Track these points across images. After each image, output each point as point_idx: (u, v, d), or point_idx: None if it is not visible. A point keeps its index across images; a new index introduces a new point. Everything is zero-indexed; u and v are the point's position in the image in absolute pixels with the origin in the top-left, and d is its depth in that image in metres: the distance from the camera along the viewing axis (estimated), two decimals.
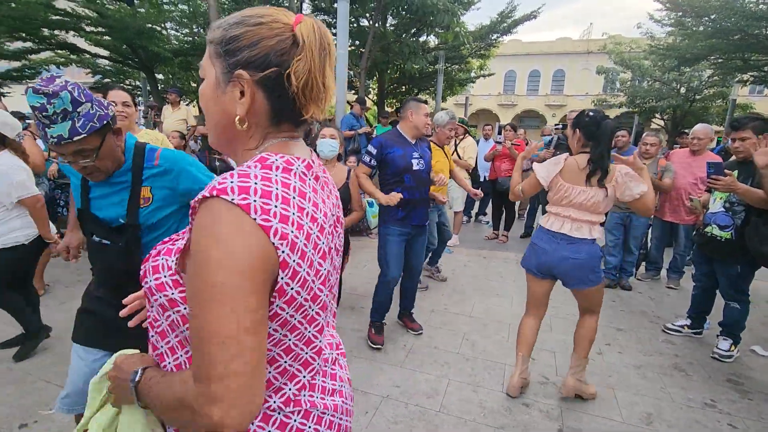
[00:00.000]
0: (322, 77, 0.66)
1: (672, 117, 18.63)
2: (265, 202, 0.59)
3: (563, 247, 2.24)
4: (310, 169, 0.71)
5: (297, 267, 0.62)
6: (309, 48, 0.64)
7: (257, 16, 0.66)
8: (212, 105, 0.70)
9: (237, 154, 0.72)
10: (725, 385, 2.65)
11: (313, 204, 0.68)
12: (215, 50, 0.68)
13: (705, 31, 12.03)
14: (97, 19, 9.95)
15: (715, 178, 2.78)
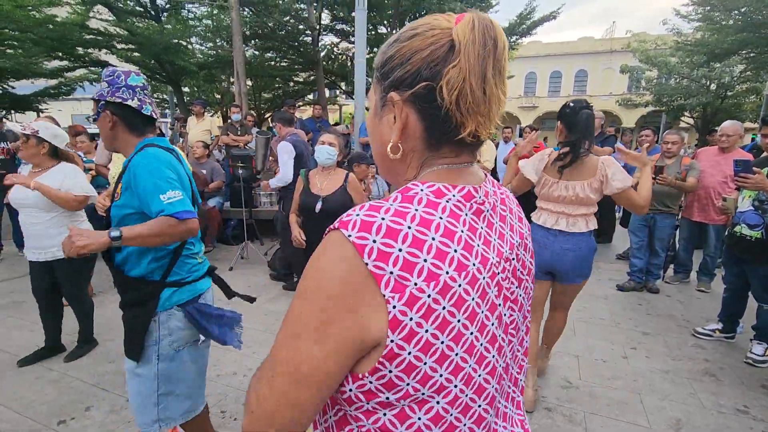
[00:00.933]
0: (481, 83, 0.52)
1: (702, 115, 17.95)
2: (386, 243, 0.48)
3: (561, 240, 2.22)
4: (471, 199, 0.56)
5: (416, 327, 0.48)
6: (465, 51, 0.51)
7: (412, 28, 0.57)
8: (372, 134, 0.63)
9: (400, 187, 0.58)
10: (759, 391, 2.54)
11: (465, 247, 0.53)
12: (375, 76, 0.61)
13: (735, 25, 11.61)
14: (128, 37, 10.44)
15: (744, 176, 2.70)
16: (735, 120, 4.06)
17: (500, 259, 0.58)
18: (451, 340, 0.51)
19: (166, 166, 1.40)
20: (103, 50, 11.32)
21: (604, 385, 2.57)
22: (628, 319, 3.54)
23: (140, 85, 1.47)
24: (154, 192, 1.35)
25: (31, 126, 2.47)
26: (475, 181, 0.59)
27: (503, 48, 0.54)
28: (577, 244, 2.21)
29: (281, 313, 3.52)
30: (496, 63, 0.53)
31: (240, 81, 8.27)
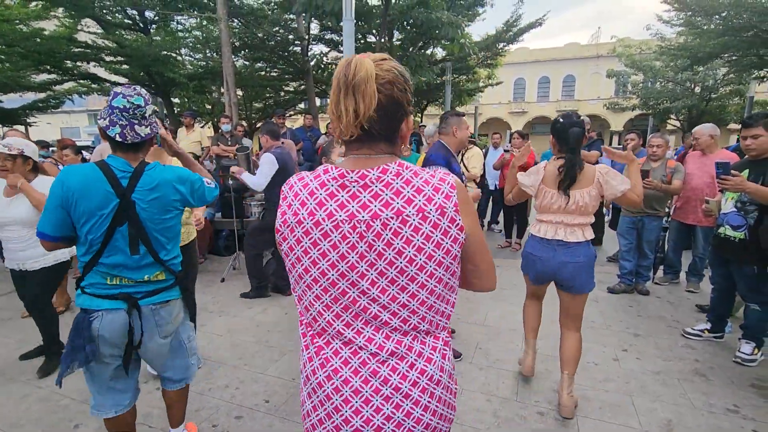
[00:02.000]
0: (335, 99, 0.84)
1: (688, 117, 18.28)
2: (289, 195, 0.91)
3: (560, 253, 2.26)
4: (343, 177, 0.87)
5: (287, 235, 0.91)
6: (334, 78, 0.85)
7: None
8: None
9: None
10: (749, 390, 2.57)
11: (319, 203, 0.87)
12: None
13: (716, 29, 11.87)
14: (116, 49, 10.43)
15: (724, 178, 2.75)
16: (711, 123, 4.15)
17: (349, 218, 0.85)
18: (302, 252, 0.89)
19: (53, 190, 1.50)
20: (91, 63, 11.29)
21: (596, 388, 2.59)
22: (619, 321, 3.57)
23: (119, 107, 1.52)
24: None
25: (12, 145, 2.54)
26: (363, 166, 0.87)
27: (353, 77, 0.80)
28: (575, 255, 2.24)
29: (274, 324, 3.51)
30: (347, 87, 0.81)
31: (230, 91, 8.28)
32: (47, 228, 1.51)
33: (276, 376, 2.74)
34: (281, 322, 3.58)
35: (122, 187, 1.53)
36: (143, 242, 1.58)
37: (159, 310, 1.68)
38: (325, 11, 7.83)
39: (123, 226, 1.54)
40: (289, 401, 2.46)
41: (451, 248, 0.86)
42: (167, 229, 1.65)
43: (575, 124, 2.20)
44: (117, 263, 1.57)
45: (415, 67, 10.04)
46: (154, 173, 1.60)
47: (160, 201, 1.59)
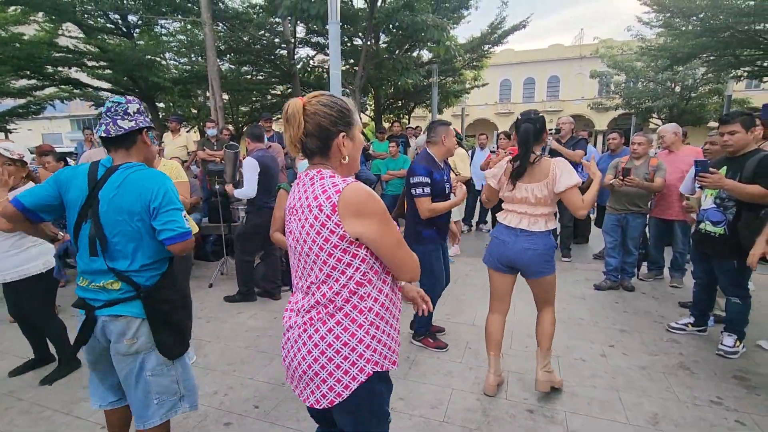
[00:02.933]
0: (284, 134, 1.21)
1: (669, 116, 18.68)
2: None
3: (522, 239, 2.37)
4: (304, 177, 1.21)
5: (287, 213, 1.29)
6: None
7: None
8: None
9: None
10: (731, 382, 2.63)
11: (292, 195, 1.25)
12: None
13: (694, 30, 12.16)
14: (98, 54, 10.27)
15: (702, 175, 2.82)
16: (673, 123, 4.32)
17: (294, 205, 1.22)
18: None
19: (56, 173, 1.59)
20: (73, 68, 11.09)
21: (584, 384, 2.62)
22: (606, 317, 3.62)
23: (105, 109, 1.57)
24: None
25: (13, 149, 2.52)
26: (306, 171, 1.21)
27: (285, 113, 1.17)
28: (535, 243, 2.35)
29: (263, 329, 3.49)
30: (285, 119, 1.17)
31: (215, 95, 8.22)
32: (25, 198, 1.52)
33: (265, 381, 2.72)
34: (271, 327, 3.55)
35: (94, 182, 1.50)
36: (100, 244, 1.48)
37: (108, 324, 1.52)
38: (311, 14, 7.83)
39: (87, 224, 1.50)
40: (279, 406, 2.44)
41: (329, 237, 1.12)
42: (127, 237, 1.50)
43: (526, 121, 2.35)
44: (80, 263, 1.55)
45: (401, 69, 10.09)
46: (126, 172, 1.52)
47: (117, 203, 1.48)
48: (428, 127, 3.08)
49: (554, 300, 2.50)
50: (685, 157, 4.10)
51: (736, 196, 2.76)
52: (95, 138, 7.67)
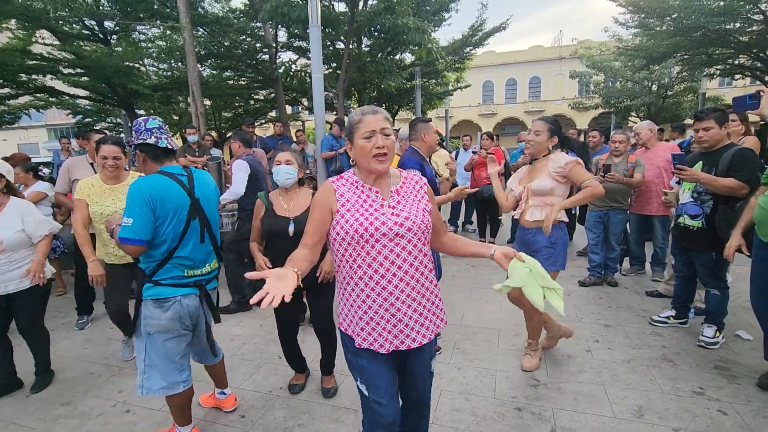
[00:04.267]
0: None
1: (647, 114, 19.11)
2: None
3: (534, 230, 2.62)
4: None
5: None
6: None
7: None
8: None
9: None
10: (713, 372, 2.68)
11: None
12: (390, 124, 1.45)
13: (668, 30, 12.49)
14: (74, 61, 10.04)
15: (680, 167, 2.89)
16: (648, 120, 4.45)
17: None
18: None
19: (139, 194, 1.77)
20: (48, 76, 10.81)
21: (571, 380, 2.64)
22: (591, 313, 3.67)
23: (156, 126, 1.91)
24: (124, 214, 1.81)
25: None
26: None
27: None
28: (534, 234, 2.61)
29: (248, 337, 3.43)
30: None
31: (196, 101, 8.11)
32: (142, 234, 1.77)
33: (252, 389, 2.67)
34: (257, 335, 3.50)
35: (188, 188, 1.91)
36: (208, 233, 2.00)
37: (213, 294, 2.13)
38: (291, 19, 7.79)
39: (195, 220, 1.93)
40: (266, 415, 2.40)
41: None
42: (215, 222, 2.08)
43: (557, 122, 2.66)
44: (189, 256, 1.92)
45: (384, 72, 10.11)
46: (198, 174, 2.03)
47: (208, 196, 2.03)
48: (410, 124, 3.13)
49: None
50: (661, 153, 4.20)
51: (712, 189, 2.83)
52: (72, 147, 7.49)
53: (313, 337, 2.62)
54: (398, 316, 1.43)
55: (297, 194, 2.51)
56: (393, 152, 1.42)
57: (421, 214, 1.44)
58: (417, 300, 1.45)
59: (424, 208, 1.46)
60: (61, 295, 4.56)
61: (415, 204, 1.47)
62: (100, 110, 14.30)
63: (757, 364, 2.70)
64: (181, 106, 14.69)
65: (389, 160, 1.42)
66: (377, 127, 1.38)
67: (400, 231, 1.39)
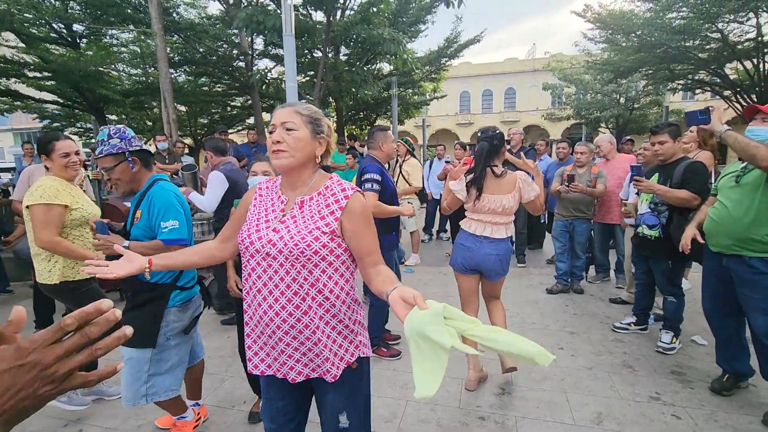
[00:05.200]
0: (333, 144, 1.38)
1: (616, 125, 19.86)
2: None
3: (486, 245, 2.58)
4: None
5: None
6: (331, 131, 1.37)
7: (320, 113, 1.34)
8: (308, 146, 1.29)
9: (301, 173, 1.32)
10: (669, 377, 2.78)
11: None
12: (307, 119, 1.29)
13: (633, 46, 13.06)
14: (40, 64, 9.70)
15: (637, 179, 3.03)
16: (608, 133, 4.68)
17: None
18: None
19: (174, 198, 1.92)
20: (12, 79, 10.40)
21: (535, 388, 2.69)
22: (556, 320, 3.75)
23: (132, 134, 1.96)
24: (158, 218, 1.87)
25: None
26: None
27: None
28: (497, 249, 2.58)
29: (216, 349, 3.35)
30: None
31: (168, 108, 7.94)
32: (186, 234, 1.93)
33: (215, 404, 2.60)
34: (224, 347, 3.42)
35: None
36: None
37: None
38: (266, 27, 7.76)
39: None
40: (228, 430, 2.35)
41: None
42: None
43: (483, 139, 2.62)
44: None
45: (360, 81, 10.16)
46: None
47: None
48: (368, 132, 3.16)
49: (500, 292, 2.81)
50: (621, 164, 4.38)
51: (667, 200, 2.96)
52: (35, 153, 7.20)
53: None
54: (270, 343, 1.29)
55: None
56: (297, 150, 1.26)
57: (308, 235, 1.23)
58: (292, 331, 1.26)
59: (318, 229, 1.24)
60: None
61: (310, 223, 1.26)
62: (69, 115, 13.83)
63: (711, 368, 2.81)
64: (155, 112, 14.35)
65: (288, 157, 1.25)
66: (278, 121, 1.27)
67: (271, 251, 1.24)
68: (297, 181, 1.33)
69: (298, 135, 1.26)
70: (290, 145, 1.25)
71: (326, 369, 1.28)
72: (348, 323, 1.33)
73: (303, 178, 1.33)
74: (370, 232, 1.30)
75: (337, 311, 1.29)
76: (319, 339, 1.26)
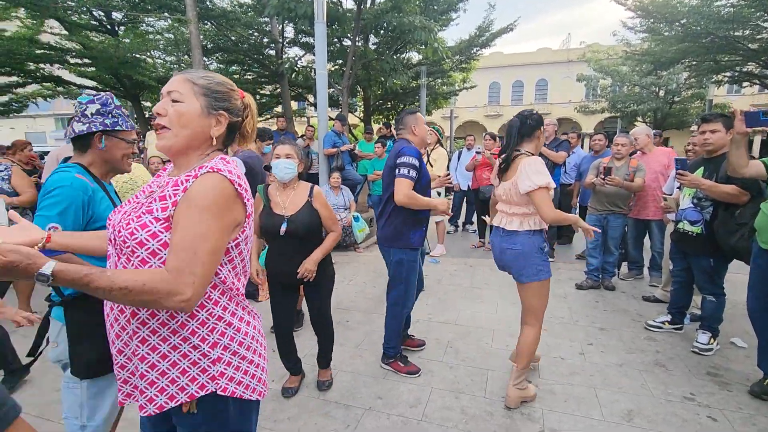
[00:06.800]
0: (253, 125, 1.21)
1: (654, 119, 19.02)
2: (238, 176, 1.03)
3: (502, 239, 2.40)
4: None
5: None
6: (252, 110, 1.20)
7: (228, 84, 1.13)
8: (195, 123, 1.05)
9: (189, 156, 1.08)
10: (705, 378, 2.67)
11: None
12: (201, 91, 1.05)
13: (676, 35, 12.39)
14: (81, 51, 10.09)
15: (681, 172, 2.89)
16: (644, 125, 4.47)
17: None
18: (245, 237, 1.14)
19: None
20: (55, 65, 10.86)
21: (562, 382, 2.64)
22: (586, 316, 3.66)
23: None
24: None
25: None
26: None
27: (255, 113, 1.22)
28: (512, 243, 2.34)
29: None
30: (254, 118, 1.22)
31: None
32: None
33: None
34: None
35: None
36: None
37: None
38: (298, 14, 7.78)
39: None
40: None
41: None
42: None
43: (517, 116, 2.39)
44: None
45: (389, 70, 10.09)
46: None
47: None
48: (396, 119, 2.81)
49: (541, 317, 2.40)
50: (658, 157, 4.22)
51: (713, 195, 2.82)
52: None
53: (307, 333, 2.63)
54: (117, 359, 1.09)
55: (295, 190, 2.40)
56: (180, 126, 1.03)
57: (135, 221, 0.97)
58: (124, 339, 1.04)
59: (150, 212, 0.98)
60: None
61: (145, 206, 1.01)
62: None
63: (750, 371, 2.69)
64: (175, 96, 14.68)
65: (171, 137, 1.03)
66: (165, 90, 1.05)
67: (110, 235, 1.04)
68: (183, 166, 1.07)
69: (182, 108, 1.02)
70: (172, 120, 1.02)
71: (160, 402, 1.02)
72: (195, 343, 1.01)
73: (191, 163, 1.06)
74: (194, 222, 0.93)
75: (162, 324, 1.00)
76: (134, 351, 1.02)
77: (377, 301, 3.98)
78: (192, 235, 0.92)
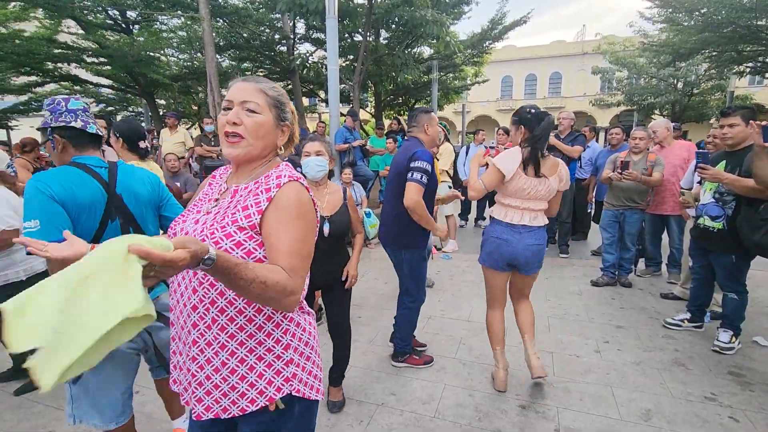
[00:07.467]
0: (297, 131, 1.20)
1: (671, 112, 18.54)
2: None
3: (526, 236, 2.37)
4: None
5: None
6: (296, 116, 1.18)
7: (285, 94, 1.14)
8: (270, 134, 1.08)
9: (253, 164, 1.10)
10: (726, 378, 2.61)
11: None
12: (272, 102, 1.08)
13: (696, 25, 12.03)
14: (97, 50, 10.25)
15: (703, 166, 2.80)
16: (663, 118, 4.36)
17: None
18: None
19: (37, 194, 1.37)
20: (72, 64, 11.07)
21: (578, 380, 2.60)
22: (602, 313, 3.60)
23: (80, 108, 1.57)
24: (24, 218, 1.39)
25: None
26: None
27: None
28: (539, 239, 2.39)
29: None
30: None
31: (214, 92, 8.19)
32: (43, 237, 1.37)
33: None
34: None
35: (106, 182, 1.56)
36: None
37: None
38: (309, 10, 7.77)
39: (114, 221, 1.56)
40: None
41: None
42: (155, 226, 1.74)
43: (547, 114, 2.35)
44: None
45: (400, 65, 10.03)
46: (128, 167, 1.69)
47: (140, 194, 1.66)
48: (410, 115, 2.78)
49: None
50: (676, 151, 4.12)
51: (735, 190, 2.73)
52: None
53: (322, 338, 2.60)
54: (180, 363, 1.10)
55: (328, 189, 2.31)
56: (257, 138, 1.05)
57: (219, 231, 0.99)
58: (196, 348, 1.03)
59: (234, 223, 1.00)
60: None
61: (228, 216, 1.02)
62: (123, 99, 14.61)
63: None
64: (200, 96, 14.85)
65: (247, 146, 1.04)
66: (238, 99, 1.03)
67: None
68: (245, 172, 1.11)
69: (261, 120, 1.04)
70: (249, 131, 1.03)
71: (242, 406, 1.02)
72: (270, 345, 1.04)
73: (254, 170, 1.11)
74: (292, 228, 0.99)
75: (251, 327, 1.02)
76: (224, 362, 1.01)
77: (389, 296, 3.98)
78: (292, 240, 0.98)
